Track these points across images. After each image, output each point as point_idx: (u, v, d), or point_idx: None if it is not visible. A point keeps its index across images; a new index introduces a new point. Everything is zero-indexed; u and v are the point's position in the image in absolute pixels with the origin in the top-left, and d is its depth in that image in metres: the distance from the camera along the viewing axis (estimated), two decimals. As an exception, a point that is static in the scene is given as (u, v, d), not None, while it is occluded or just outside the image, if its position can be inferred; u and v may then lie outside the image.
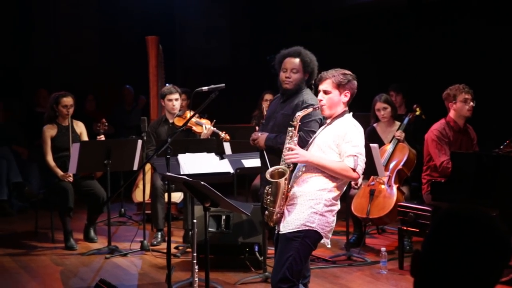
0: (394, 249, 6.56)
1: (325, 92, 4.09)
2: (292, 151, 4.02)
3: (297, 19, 10.75)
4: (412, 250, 6.32)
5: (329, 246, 4.12)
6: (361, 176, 6.73)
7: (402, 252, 6.03)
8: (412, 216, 5.93)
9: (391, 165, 6.66)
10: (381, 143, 6.76)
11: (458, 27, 8.44)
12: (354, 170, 3.93)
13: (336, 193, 4.02)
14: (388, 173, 6.58)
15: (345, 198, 6.28)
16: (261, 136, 5.19)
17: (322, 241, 4.04)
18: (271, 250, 6.35)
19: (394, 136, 6.83)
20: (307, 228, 3.94)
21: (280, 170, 4.05)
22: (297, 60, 5.06)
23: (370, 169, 6.07)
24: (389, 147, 6.76)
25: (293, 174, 4.14)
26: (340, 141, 3.98)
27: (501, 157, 5.25)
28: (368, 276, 5.83)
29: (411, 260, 1.85)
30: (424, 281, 1.82)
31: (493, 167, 5.18)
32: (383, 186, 6.55)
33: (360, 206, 6.52)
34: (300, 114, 4.17)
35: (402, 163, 6.65)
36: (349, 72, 4.14)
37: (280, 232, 4.05)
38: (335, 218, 4.06)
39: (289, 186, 4.08)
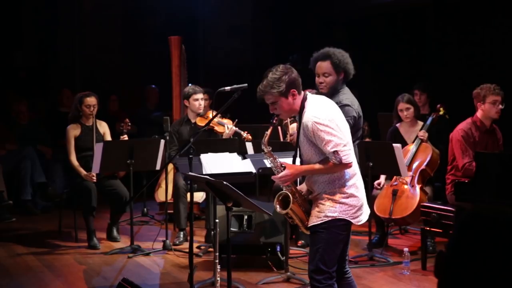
0: (417, 249, 6.52)
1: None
2: (281, 176, 3.96)
3: (320, 18, 10.72)
4: (435, 250, 6.29)
5: (360, 222, 4.04)
6: (384, 176, 6.78)
7: (425, 252, 5.99)
8: (435, 216, 5.89)
9: (414, 165, 6.62)
10: (404, 143, 6.72)
11: (483, 25, 8.36)
12: (341, 163, 3.81)
13: (347, 175, 3.93)
14: (411, 173, 6.54)
15: (368, 198, 6.25)
16: (295, 133, 5.35)
17: (353, 221, 3.98)
18: (293, 250, 6.36)
19: (417, 136, 6.79)
20: (329, 218, 3.92)
21: (283, 195, 4.00)
22: (326, 63, 5.00)
23: (393, 169, 6.04)
24: (412, 147, 6.72)
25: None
26: (313, 139, 3.86)
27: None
28: (391, 277, 5.80)
29: (435, 261, 1.83)
30: (448, 283, 1.80)
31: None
32: (406, 186, 6.52)
33: (382, 206, 6.50)
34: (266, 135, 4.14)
35: (425, 163, 6.61)
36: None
37: (308, 225, 4.05)
38: (358, 196, 3.97)
39: (301, 188, 4.09)
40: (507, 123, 6.52)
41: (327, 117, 3.84)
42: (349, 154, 3.84)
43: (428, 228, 6.00)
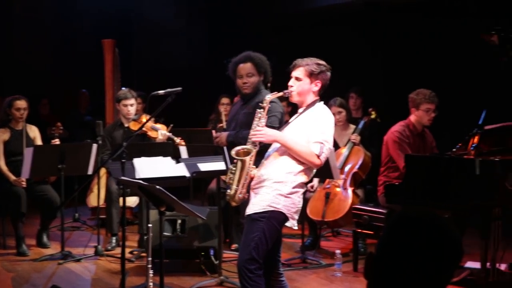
0: (348, 251, 6.60)
1: (296, 79, 4.18)
2: (259, 130, 4.08)
3: (255, 22, 10.77)
4: (366, 252, 6.38)
5: (295, 228, 4.16)
6: (317, 179, 6.85)
7: (357, 254, 6.08)
8: (367, 218, 6.00)
9: (347, 168, 6.71)
10: (336, 147, 6.80)
11: (415, 30, 8.54)
12: (318, 156, 4.00)
13: (303, 177, 4.09)
14: (343, 176, 6.63)
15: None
16: (222, 134, 5.54)
17: (288, 224, 4.07)
18: (226, 254, 6.36)
19: (349, 140, 6.88)
20: (272, 209, 3.99)
21: (245, 149, 4.11)
22: (249, 64, 5.35)
23: (326, 172, 6.11)
24: (344, 150, 6.82)
25: (264, 158, 4.20)
26: (310, 127, 4.06)
27: (454, 159, 5.33)
28: (323, 279, 5.86)
29: (364, 263, 1.86)
30: (377, 283, 1.83)
31: (446, 170, 5.26)
32: (338, 189, 6.60)
33: (315, 209, 6.56)
34: (270, 96, 4.23)
35: (357, 166, 6.71)
36: (324, 63, 4.23)
37: (246, 214, 4.10)
38: (301, 199, 4.12)
39: (257, 169, 4.13)
40: (438, 126, 6.68)
41: (333, 122, 4.22)
42: (325, 157, 4.07)
43: (359, 230, 6.10)
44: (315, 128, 4.06)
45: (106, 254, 6.61)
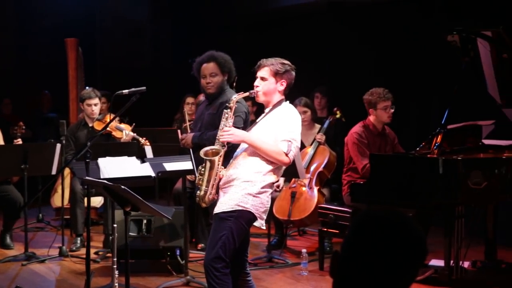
0: (314, 250, 6.64)
1: (262, 79, 4.20)
2: (227, 131, 4.09)
3: (220, 21, 10.76)
4: (332, 251, 6.42)
5: (263, 227, 4.18)
6: (283, 179, 6.87)
7: (323, 253, 6.11)
8: (332, 217, 6.04)
9: (312, 168, 6.74)
10: (302, 146, 6.81)
11: (375, 29, 8.62)
12: (286, 154, 4.02)
13: (272, 177, 4.11)
14: (309, 175, 6.66)
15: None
16: (188, 136, 5.50)
17: (256, 223, 4.08)
18: (192, 254, 6.35)
19: (315, 139, 6.92)
20: (240, 208, 4.00)
21: (214, 150, 4.12)
22: (212, 64, 5.34)
23: (292, 172, 6.13)
24: (310, 150, 6.85)
25: (232, 158, 4.21)
26: (277, 126, 4.08)
27: (417, 158, 5.39)
28: (289, 278, 5.88)
29: (330, 261, 1.87)
30: (342, 282, 1.84)
31: (409, 169, 5.31)
32: (304, 189, 6.63)
33: (281, 209, 6.58)
34: (236, 96, 4.23)
35: (322, 166, 6.74)
36: (288, 63, 4.25)
37: (214, 213, 4.10)
38: (269, 199, 4.14)
39: (225, 169, 4.14)
40: (399, 125, 6.74)
41: (300, 121, 4.21)
42: (294, 155, 4.08)
43: (325, 229, 6.14)
44: (283, 127, 4.08)
45: (70, 255, 6.55)
